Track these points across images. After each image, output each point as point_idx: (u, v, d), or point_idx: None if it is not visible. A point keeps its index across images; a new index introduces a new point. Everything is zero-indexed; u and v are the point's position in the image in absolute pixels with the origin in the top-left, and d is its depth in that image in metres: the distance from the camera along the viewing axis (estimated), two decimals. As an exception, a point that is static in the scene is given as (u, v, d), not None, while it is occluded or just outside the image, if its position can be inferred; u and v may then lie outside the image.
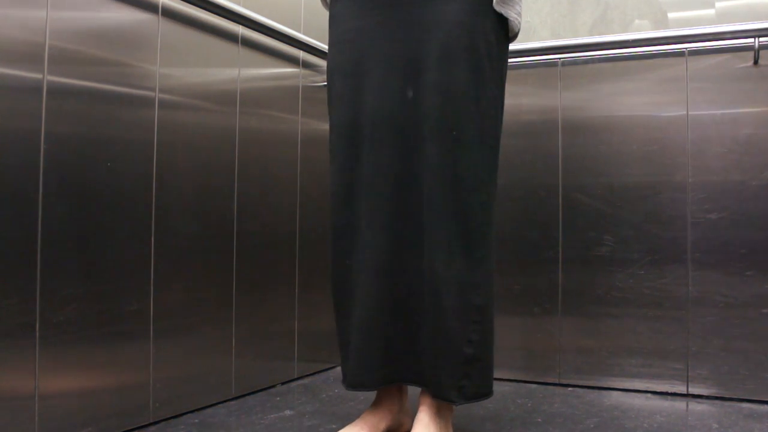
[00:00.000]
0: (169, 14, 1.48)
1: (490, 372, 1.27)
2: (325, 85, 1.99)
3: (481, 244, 1.24)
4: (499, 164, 1.31)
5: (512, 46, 1.38)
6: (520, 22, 1.32)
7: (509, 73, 1.38)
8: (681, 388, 1.77)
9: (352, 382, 1.28)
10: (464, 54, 1.22)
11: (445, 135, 1.22)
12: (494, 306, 1.30)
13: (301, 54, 1.95)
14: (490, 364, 1.27)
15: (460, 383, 1.22)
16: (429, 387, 1.26)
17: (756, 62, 1.72)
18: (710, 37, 1.76)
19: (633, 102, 1.86)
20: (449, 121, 1.22)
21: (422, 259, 1.24)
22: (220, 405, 1.61)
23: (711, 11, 1.83)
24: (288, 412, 1.56)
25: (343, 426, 1.34)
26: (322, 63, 1.99)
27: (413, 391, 1.38)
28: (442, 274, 1.21)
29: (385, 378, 1.27)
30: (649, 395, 1.78)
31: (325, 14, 1.42)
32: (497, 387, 1.30)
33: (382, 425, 1.31)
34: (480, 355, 1.23)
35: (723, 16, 1.81)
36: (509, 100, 1.38)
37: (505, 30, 1.31)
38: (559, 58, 1.94)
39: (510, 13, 1.29)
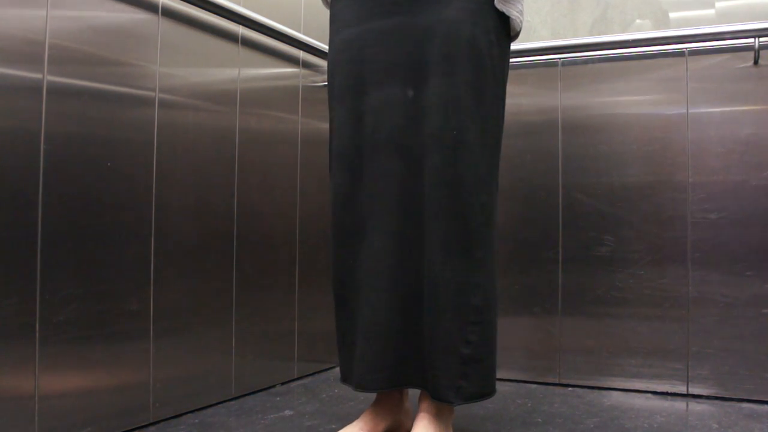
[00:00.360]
0: (169, 14, 1.48)
1: (490, 373, 1.26)
2: (325, 85, 1.99)
3: (481, 244, 1.23)
4: (500, 164, 1.31)
5: (512, 46, 1.38)
6: (521, 21, 1.32)
7: (510, 74, 1.37)
8: (681, 388, 1.77)
9: (359, 383, 1.27)
10: (465, 53, 1.22)
11: (446, 135, 1.21)
12: (497, 307, 1.29)
13: (301, 54, 1.95)
14: (491, 364, 1.26)
15: (457, 384, 1.21)
16: (428, 388, 1.26)
17: (756, 62, 1.72)
18: (710, 37, 1.76)
19: (633, 102, 1.86)
20: (450, 121, 1.21)
21: (423, 260, 1.24)
22: (220, 405, 1.61)
23: (711, 11, 1.83)
24: (288, 412, 1.56)
25: (343, 426, 1.34)
26: (322, 63, 1.99)
27: (414, 391, 1.38)
28: (440, 274, 1.21)
29: (391, 380, 1.26)
30: (649, 395, 1.78)
31: (325, 14, 1.42)
32: (498, 387, 1.30)
33: (382, 426, 1.31)
34: (479, 356, 1.22)
35: (723, 16, 1.81)
36: (509, 100, 1.38)
37: (506, 29, 1.30)
38: (559, 58, 1.94)
39: (511, 12, 1.28)
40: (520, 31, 1.33)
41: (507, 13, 1.27)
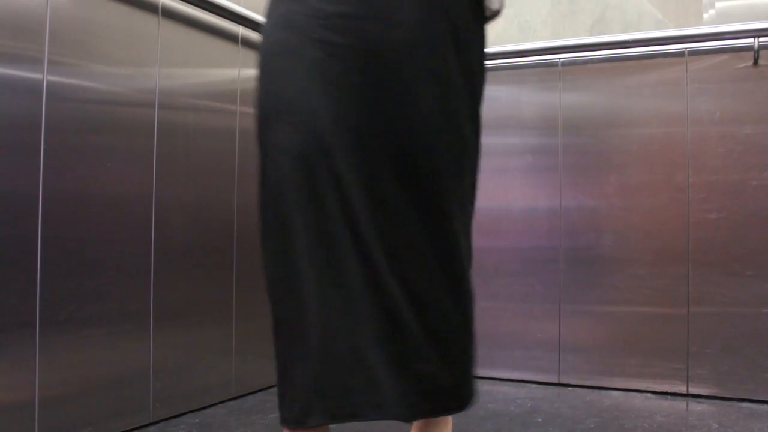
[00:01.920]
0: (169, 14, 1.48)
1: (454, 391, 1.09)
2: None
3: (465, 264, 1.07)
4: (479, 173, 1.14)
5: (512, 47, 1.32)
6: None
7: (510, 74, 1.29)
8: (681, 388, 1.77)
9: (335, 412, 1.07)
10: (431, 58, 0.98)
11: (417, 143, 1.00)
12: (471, 324, 1.11)
13: (301, 54, 1.95)
14: (455, 383, 1.09)
15: (410, 400, 1.04)
16: (391, 409, 1.04)
17: (756, 62, 1.72)
18: (710, 38, 1.76)
19: (633, 102, 1.86)
20: (421, 129, 1.00)
21: (401, 274, 1.03)
22: (220, 405, 1.61)
23: (711, 11, 1.83)
24: (288, 412, 1.56)
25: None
26: (322, 63, 1.99)
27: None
28: (409, 288, 1.03)
29: (362, 406, 1.06)
30: (649, 395, 1.78)
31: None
32: (497, 387, 1.29)
33: None
34: (437, 372, 1.05)
35: (723, 16, 1.81)
36: (509, 101, 1.36)
37: (481, 9, 1.07)
38: (559, 58, 1.94)
39: None
40: (500, 9, 1.09)
41: None
